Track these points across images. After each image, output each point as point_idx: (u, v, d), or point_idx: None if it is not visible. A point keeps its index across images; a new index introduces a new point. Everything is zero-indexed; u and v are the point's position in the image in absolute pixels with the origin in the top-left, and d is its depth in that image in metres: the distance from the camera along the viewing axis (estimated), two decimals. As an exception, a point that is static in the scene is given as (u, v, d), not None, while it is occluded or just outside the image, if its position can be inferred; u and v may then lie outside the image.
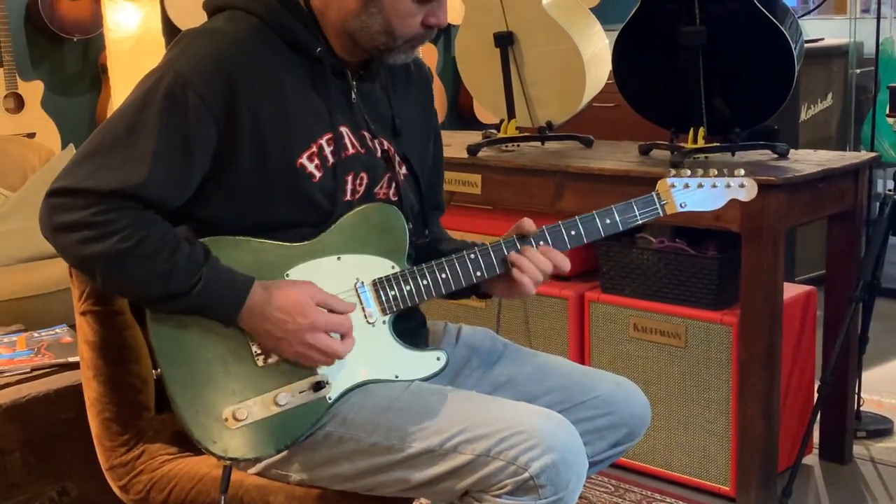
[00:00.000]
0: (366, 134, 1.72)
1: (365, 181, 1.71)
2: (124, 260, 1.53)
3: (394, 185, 1.75)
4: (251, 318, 1.58)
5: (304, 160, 1.64)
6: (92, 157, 1.56)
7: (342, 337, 1.62)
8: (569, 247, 1.73)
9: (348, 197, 1.69)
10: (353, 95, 1.71)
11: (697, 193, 1.79)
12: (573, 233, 1.73)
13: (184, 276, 1.55)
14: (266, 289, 1.59)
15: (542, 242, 1.72)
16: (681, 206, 1.78)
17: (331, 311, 1.61)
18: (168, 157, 1.55)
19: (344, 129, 1.68)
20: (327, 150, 1.66)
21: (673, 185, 1.78)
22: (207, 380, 1.59)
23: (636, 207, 1.76)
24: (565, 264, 1.73)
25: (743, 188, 1.82)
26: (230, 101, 1.58)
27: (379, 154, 1.73)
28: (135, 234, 1.53)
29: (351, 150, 1.69)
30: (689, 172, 1.80)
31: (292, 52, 1.65)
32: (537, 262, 1.70)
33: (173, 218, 1.62)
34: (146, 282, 1.55)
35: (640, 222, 1.76)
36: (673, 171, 1.81)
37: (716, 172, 1.81)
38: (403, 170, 1.78)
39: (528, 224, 1.73)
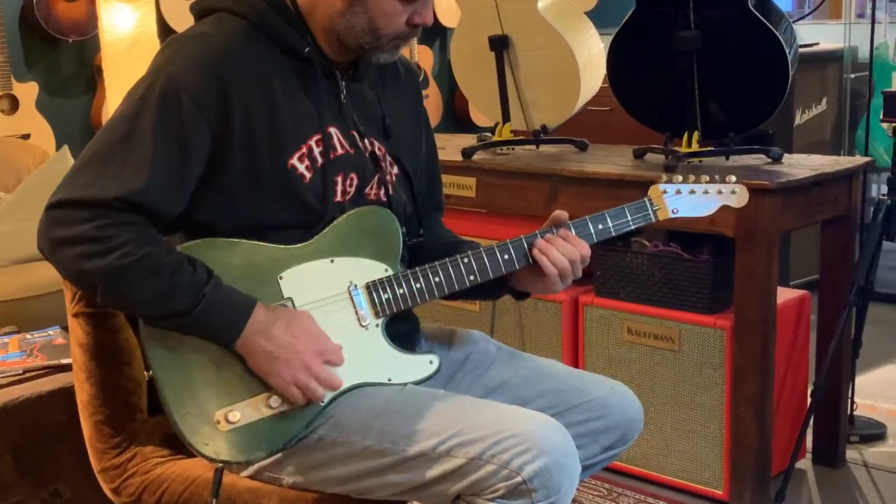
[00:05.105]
0: (355, 134, 1.72)
1: (355, 182, 1.71)
2: (125, 276, 1.52)
3: (384, 185, 1.75)
4: (251, 336, 1.57)
5: (294, 161, 1.64)
6: (89, 166, 1.56)
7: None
8: None
9: (339, 198, 1.69)
10: (343, 96, 1.71)
11: (689, 199, 1.80)
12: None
13: (186, 296, 1.54)
14: (272, 311, 1.58)
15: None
16: (673, 212, 1.79)
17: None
18: (166, 162, 1.55)
19: (333, 130, 1.69)
20: (316, 151, 1.66)
21: (665, 192, 1.79)
22: (199, 382, 1.59)
23: (629, 213, 1.76)
24: (585, 250, 1.71)
25: (734, 194, 1.83)
26: (223, 104, 1.58)
27: (368, 154, 1.73)
28: (137, 251, 1.52)
29: (340, 151, 1.69)
30: (680, 178, 1.81)
31: (281, 53, 1.65)
32: (561, 249, 1.69)
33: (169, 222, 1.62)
34: (147, 300, 1.54)
35: (633, 228, 1.77)
36: (665, 177, 1.81)
37: (707, 179, 1.82)
38: (395, 170, 1.78)
39: (561, 215, 1.73)
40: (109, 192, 1.52)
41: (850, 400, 3.02)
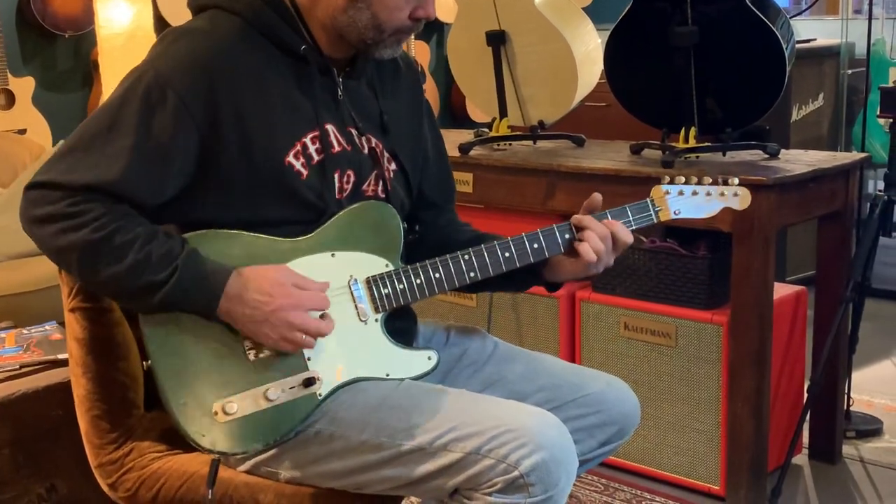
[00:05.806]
0: (353, 131, 1.72)
1: (352, 179, 1.71)
2: (98, 250, 1.53)
3: (381, 181, 1.75)
4: (230, 305, 1.56)
5: (290, 158, 1.63)
6: (71, 152, 1.57)
7: (321, 317, 1.61)
8: (563, 250, 1.73)
9: (337, 195, 1.68)
10: (340, 93, 1.71)
11: (691, 201, 1.81)
12: (567, 236, 1.72)
13: (158, 267, 1.54)
14: (241, 274, 1.58)
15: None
16: (675, 213, 1.80)
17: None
18: (144, 156, 1.55)
19: (330, 127, 1.68)
20: (312, 149, 1.65)
21: (668, 192, 1.79)
22: (198, 372, 1.59)
23: (630, 213, 1.77)
24: (627, 236, 1.72)
25: (736, 197, 1.83)
26: (211, 101, 1.58)
27: (366, 151, 1.73)
28: (108, 225, 1.53)
29: (337, 148, 1.69)
30: (683, 179, 1.80)
31: (277, 50, 1.65)
32: (596, 229, 1.69)
33: (166, 219, 1.62)
34: (121, 273, 1.54)
35: (634, 228, 1.77)
36: (667, 178, 1.81)
37: (710, 180, 1.82)
38: (393, 166, 1.78)
39: (596, 197, 1.74)
40: (83, 179, 1.54)
41: (846, 395, 3.02)
